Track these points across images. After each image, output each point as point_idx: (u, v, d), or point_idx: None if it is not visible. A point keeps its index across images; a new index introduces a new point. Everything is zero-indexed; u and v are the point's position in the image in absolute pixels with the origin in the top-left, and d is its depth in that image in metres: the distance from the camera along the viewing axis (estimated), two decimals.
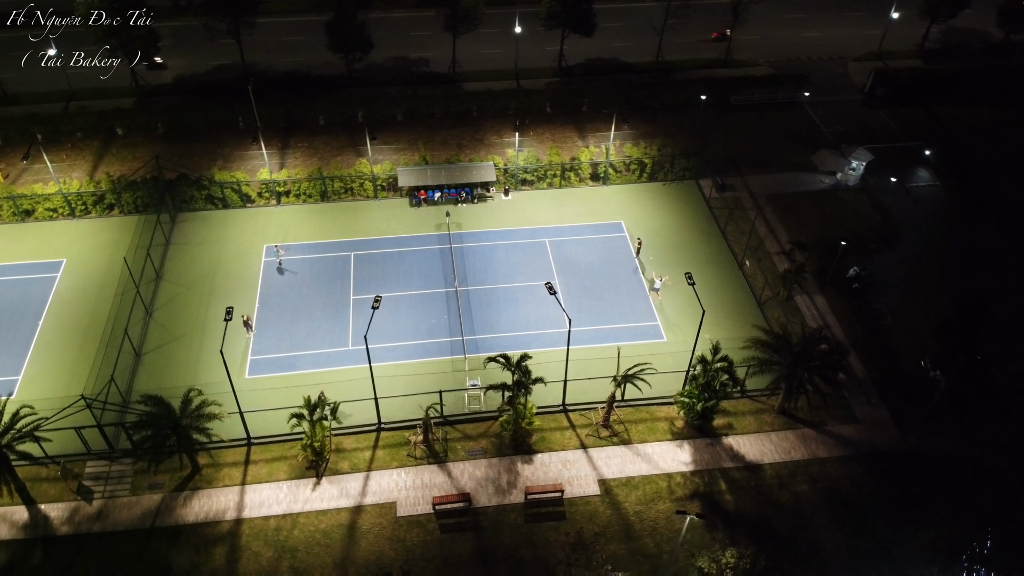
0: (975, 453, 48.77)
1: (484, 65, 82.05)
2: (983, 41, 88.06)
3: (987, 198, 67.80)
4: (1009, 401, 51.40)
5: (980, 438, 49.55)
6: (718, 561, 38.22)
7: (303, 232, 62.74)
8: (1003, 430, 49.92)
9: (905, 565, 43.03)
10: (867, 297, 58.67)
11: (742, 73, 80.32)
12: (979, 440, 49.42)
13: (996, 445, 49.19)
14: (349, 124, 73.07)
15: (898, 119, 76.94)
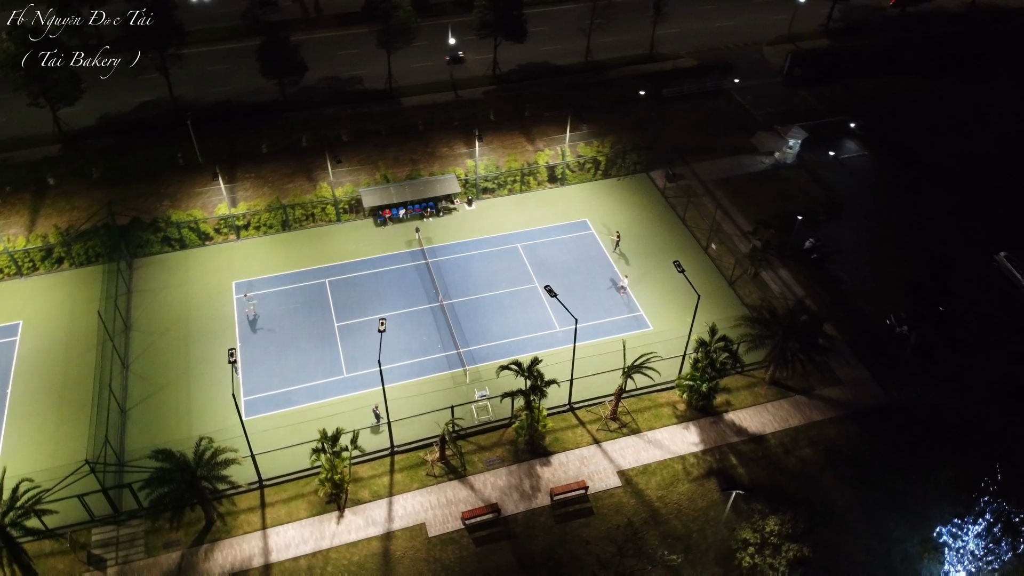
0: (953, 399, 52.73)
1: (420, 78, 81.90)
2: (882, 16, 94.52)
3: (912, 161, 73.07)
4: (975, 347, 55.79)
5: (954, 384, 53.62)
6: (761, 531, 39.92)
7: (271, 264, 61.12)
8: (973, 375, 54.22)
9: (915, 512, 46.14)
10: (825, 266, 62.22)
11: (671, 66, 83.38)
12: (953, 386, 53.47)
13: (969, 390, 53.37)
14: (295, 149, 71.57)
15: (818, 96, 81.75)
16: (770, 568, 39.40)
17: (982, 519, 40.25)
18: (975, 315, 57.90)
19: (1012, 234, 64.76)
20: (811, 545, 40.24)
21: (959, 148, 75.00)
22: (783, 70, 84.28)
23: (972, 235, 65.36)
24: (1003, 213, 67.58)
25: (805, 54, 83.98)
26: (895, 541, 45.10)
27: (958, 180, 71.18)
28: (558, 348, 54.95)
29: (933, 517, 45.41)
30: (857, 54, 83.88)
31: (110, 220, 60.06)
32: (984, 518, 40.15)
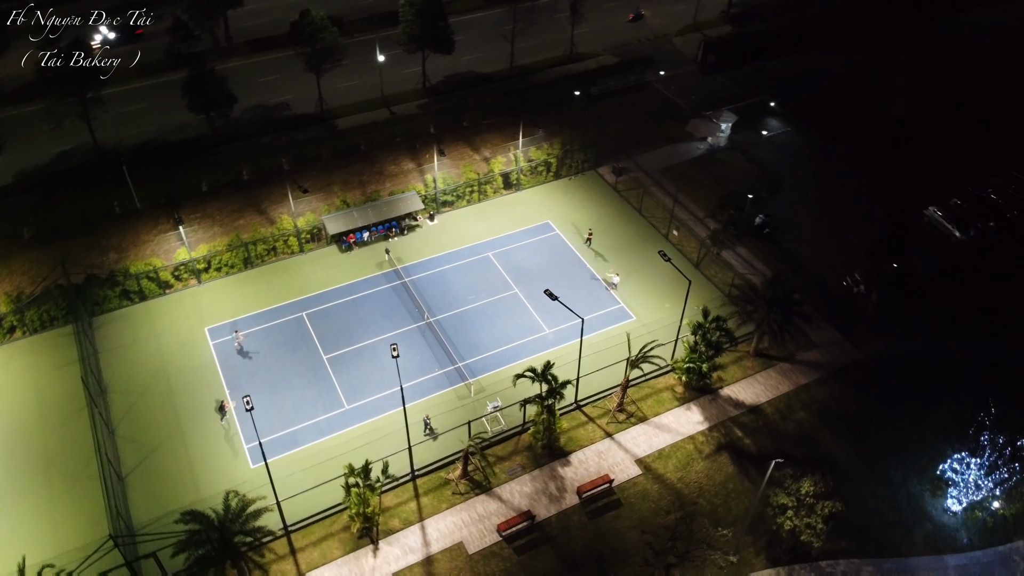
0: (920, 346, 57.28)
1: (349, 98, 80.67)
2: None
3: (831, 133, 78.25)
4: (930, 296, 60.63)
5: (917, 333, 58.20)
6: (796, 493, 42.28)
7: (241, 305, 58.99)
8: (934, 322, 59.03)
9: (913, 455, 49.91)
10: (777, 239, 65.97)
11: (595, 64, 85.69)
12: (917, 335, 58.03)
13: (933, 336, 58.06)
14: (237, 184, 69.03)
15: (734, 80, 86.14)
16: (807, 528, 41.87)
17: (982, 451, 44.09)
18: (925, 266, 62.85)
19: (934, 189, 70.64)
20: (841, 499, 43.01)
21: (871, 115, 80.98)
22: (697, 59, 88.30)
23: (898, 195, 70.94)
24: (923, 171, 73.55)
25: (716, 41, 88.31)
26: (898, 485, 48.72)
27: (875, 145, 76.91)
28: (552, 350, 55.96)
29: (935, 457, 49.30)
30: (764, 37, 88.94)
31: (64, 280, 56.30)
32: (984, 449, 43.98)
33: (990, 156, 75.50)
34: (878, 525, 46.46)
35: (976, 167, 73.80)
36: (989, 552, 45.48)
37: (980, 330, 58.46)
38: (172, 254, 61.46)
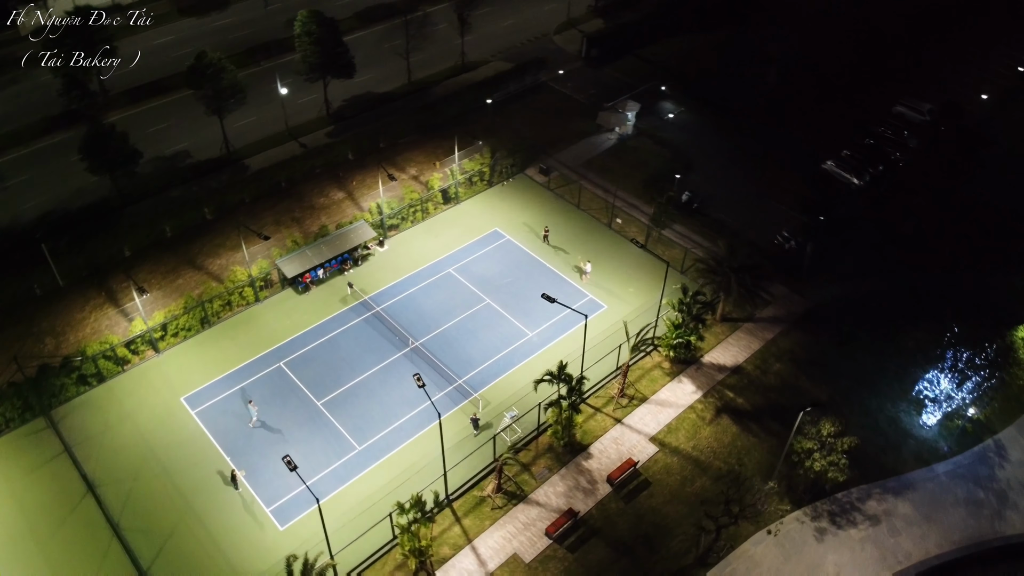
0: (858, 285, 63.56)
1: (252, 136, 77.53)
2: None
3: (720, 107, 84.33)
4: (855, 239, 67.24)
5: (852, 274, 64.53)
6: (818, 436, 46.23)
7: (211, 367, 55.85)
8: (863, 261, 65.64)
9: (885, 383, 55.54)
10: (707, 212, 70.64)
11: (493, 71, 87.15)
12: (853, 276, 64.34)
13: (866, 274, 64.58)
14: (162, 243, 64.93)
15: (621, 70, 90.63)
16: (831, 466, 46.01)
17: (949, 366, 50.03)
18: (843, 213, 69.49)
19: (824, 145, 77.96)
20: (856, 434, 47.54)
21: (751, 87, 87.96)
22: (582, 54, 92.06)
23: (797, 154, 77.79)
24: (810, 130, 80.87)
25: (596, 35, 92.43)
26: (878, 412, 54.15)
27: (762, 114, 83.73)
28: (542, 351, 57.46)
29: (907, 380, 55.25)
30: (639, 25, 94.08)
31: (20, 375, 50.96)
32: (951, 364, 49.95)
33: (864, 105, 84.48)
34: (871, 452, 51.46)
35: (854, 118, 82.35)
36: (968, 454, 51.80)
37: (905, 261, 65.77)
38: (116, 328, 57.28)
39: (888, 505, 49.01)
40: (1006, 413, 53.57)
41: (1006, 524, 47.90)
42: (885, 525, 48.01)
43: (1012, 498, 49.23)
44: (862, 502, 49.14)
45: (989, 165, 75.93)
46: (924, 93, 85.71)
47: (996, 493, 49.53)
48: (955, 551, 46.29)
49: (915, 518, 48.34)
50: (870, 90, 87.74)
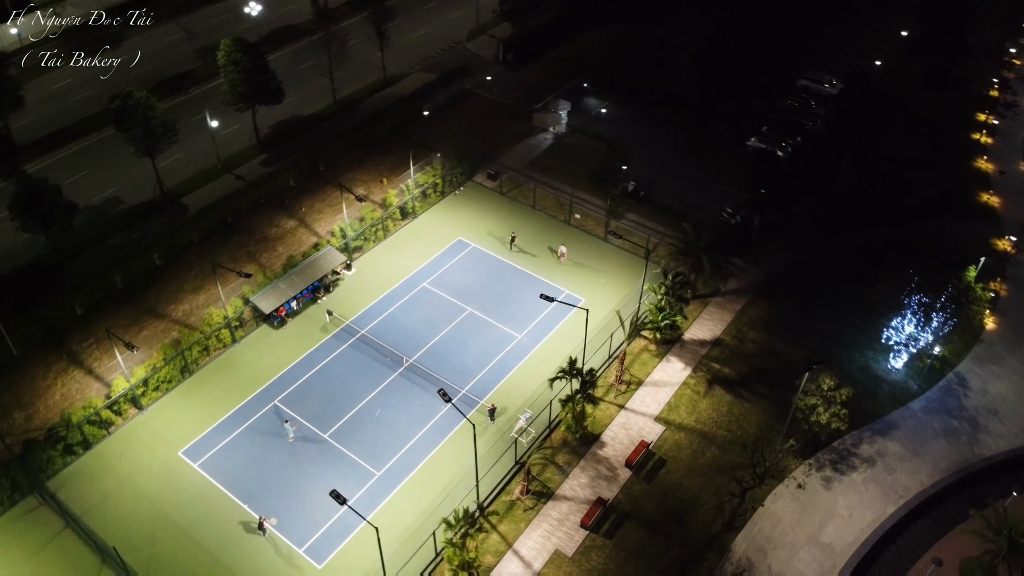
0: (805, 249, 68.09)
1: (183, 173, 74.36)
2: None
3: (641, 97, 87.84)
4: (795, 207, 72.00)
5: (800, 239, 69.08)
6: (822, 392, 49.64)
7: (203, 417, 53.60)
8: (807, 226, 70.39)
9: (851, 335, 59.97)
10: (653, 199, 73.68)
11: (421, 82, 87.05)
12: (800, 240, 68.90)
13: (811, 238, 69.23)
14: (116, 296, 61.44)
15: (540, 71, 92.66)
16: (834, 417, 49.61)
17: (913, 309, 54.79)
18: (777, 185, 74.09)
19: (744, 123, 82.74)
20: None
21: (665, 74, 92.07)
22: (498, 58, 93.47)
23: (721, 134, 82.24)
24: (729, 110, 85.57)
25: (511, 39, 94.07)
26: (848, 363, 58.46)
27: (682, 100, 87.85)
28: (534, 351, 58.68)
29: (872, 329, 59.78)
30: (550, 26, 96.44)
31: (6, 453, 47.20)
32: (913, 309, 54.73)
33: (772, 81, 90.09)
34: (853, 400, 55.46)
35: (765, 95, 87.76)
36: (935, 389, 56.88)
37: (845, 220, 70.98)
38: (88, 390, 54.10)
39: (879, 446, 53.25)
40: (962, 347, 59.21)
41: (982, 447, 53.09)
42: (880, 465, 52.17)
43: (981, 423, 54.58)
44: (856, 447, 53.16)
45: (900, 125, 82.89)
46: (823, 65, 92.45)
47: (967, 420, 54.76)
48: (946, 478, 50.92)
49: (904, 454, 52.78)
50: (774, 67, 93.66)
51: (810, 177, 75.95)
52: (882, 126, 78.65)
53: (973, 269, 60.15)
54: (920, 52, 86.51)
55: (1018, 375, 57.71)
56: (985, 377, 57.67)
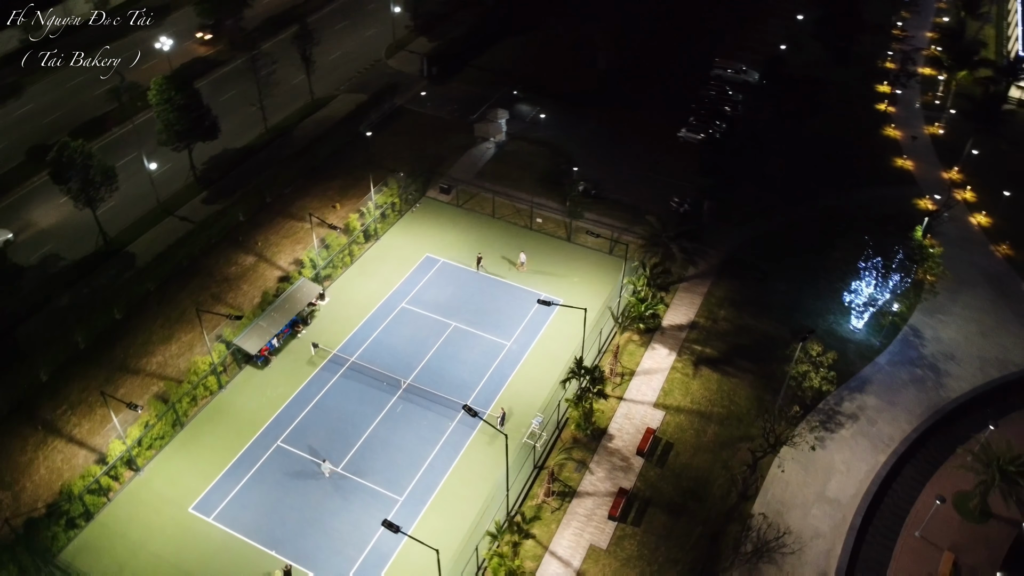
0: (755, 227, 72.08)
1: (121, 220, 70.84)
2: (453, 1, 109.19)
3: (569, 98, 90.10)
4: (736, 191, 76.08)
5: (747, 219, 73.01)
6: (812, 358, 53.02)
7: (206, 470, 51.61)
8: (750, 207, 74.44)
9: (816, 301, 64.12)
10: (603, 195, 76.04)
11: (353, 104, 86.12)
12: (747, 220, 72.80)
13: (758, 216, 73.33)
14: (80, 356, 58.34)
15: (466, 82, 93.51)
16: (824, 381, 53.20)
17: (869, 273, 59.23)
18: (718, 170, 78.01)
19: (672, 117, 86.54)
20: None
21: (587, 73, 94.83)
22: (423, 73, 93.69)
23: (651, 127, 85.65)
24: (654, 104, 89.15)
25: (434, 53, 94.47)
26: (817, 328, 62.56)
27: (607, 97, 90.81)
28: (527, 355, 59.76)
29: (832, 294, 64.03)
30: (469, 38, 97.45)
31: (11, 536, 43.99)
32: (870, 271, 59.17)
33: (687, 72, 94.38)
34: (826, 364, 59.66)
35: (683, 86, 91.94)
36: (895, 343, 61.67)
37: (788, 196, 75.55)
38: (75, 459, 51.38)
39: (858, 402, 57.38)
40: (911, 302, 64.40)
41: (948, 389, 58.11)
42: (863, 419, 56.26)
43: (942, 368, 59.71)
44: (838, 406, 57.07)
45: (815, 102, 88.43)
46: (732, 53, 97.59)
47: (930, 368, 59.75)
48: (924, 422, 55.49)
49: (882, 406, 57.10)
50: (687, 59, 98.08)
51: (743, 160, 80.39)
52: (800, 105, 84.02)
53: (919, 229, 65.64)
54: (823, 33, 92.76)
55: (963, 320, 63.47)
56: (936, 326, 63.08)
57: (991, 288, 66.30)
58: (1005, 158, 79.91)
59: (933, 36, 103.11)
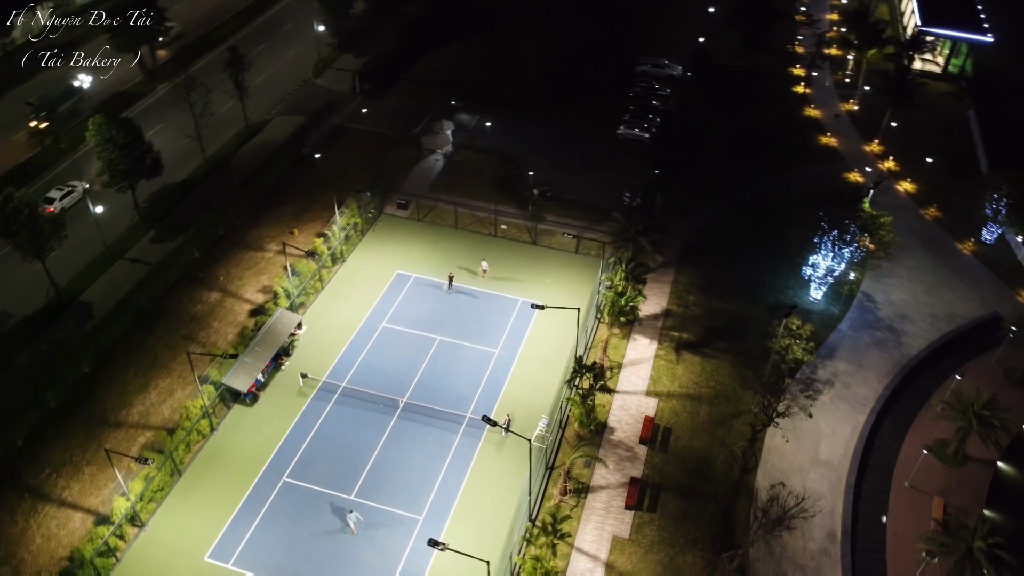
0: (707, 214, 75.35)
1: (68, 269, 67.37)
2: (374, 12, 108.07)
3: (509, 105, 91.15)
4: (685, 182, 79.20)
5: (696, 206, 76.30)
6: (793, 332, 56.15)
7: (216, 514, 50.00)
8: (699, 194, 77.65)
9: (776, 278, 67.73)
10: (559, 197, 77.54)
11: (292, 126, 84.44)
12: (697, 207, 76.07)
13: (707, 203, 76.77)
14: (53, 416, 55.31)
15: (401, 96, 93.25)
16: (804, 351, 56.54)
17: (826, 246, 63.08)
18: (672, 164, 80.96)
19: (609, 117, 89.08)
20: None
21: (522, 80, 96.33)
22: (355, 90, 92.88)
23: (590, 126, 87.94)
24: (587, 103, 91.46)
25: (365, 69, 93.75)
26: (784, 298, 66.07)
27: (545, 100, 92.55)
28: (517, 359, 60.78)
29: (790, 269, 67.77)
30: (398, 51, 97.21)
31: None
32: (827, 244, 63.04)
33: (617, 71, 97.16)
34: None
35: (616, 84, 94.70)
36: (853, 309, 65.96)
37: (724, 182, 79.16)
38: (71, 523, 49.04)
39: (830, 368, 61.12)
40: (862, 269, 68.89)
41: (908, 347, 62.67)
42: (838, 383, 60.02)
43: (898, 327, 64.34)
44: (814, 373, 60.65)
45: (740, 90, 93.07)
46: (654, 50, 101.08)
47: (887, 329, 64.24)
48: (893, 380, 59.67)
49: (852, 370, 61.06)
50: (613, 57, 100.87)
51: (685, 151, 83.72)
52: (736, 93, 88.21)
53: (867, 201, 70.24)
54: (737, 23, 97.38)
55: (909, 281, 68.47)
56: (886, 290, 67.80)
57: (927, 249, 71.77)
58: (921, 128, 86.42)
59: (834, 18, 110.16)
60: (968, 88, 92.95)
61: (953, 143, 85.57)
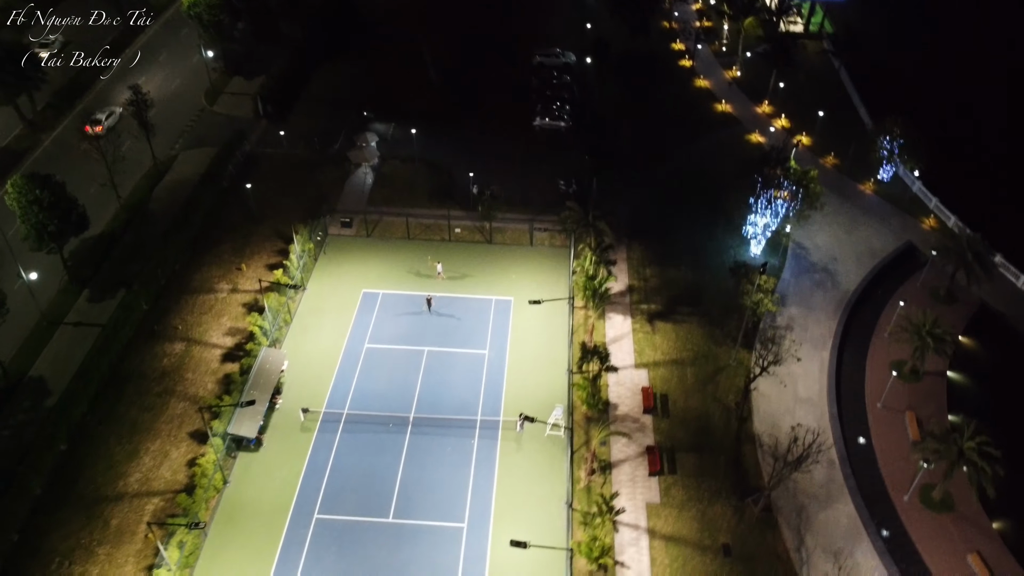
0: (642, 193, 79.62)
1: (8, 346, 61.64)
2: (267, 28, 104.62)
3: (414, 111, 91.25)
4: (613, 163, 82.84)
5: (631, 184, 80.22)
6: (762, 288, 61.10)
7: (256, 570, 48.51)
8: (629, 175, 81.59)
9: (722, 240, 72.99)
10: (496, 194, 78.97)
11: (205, 158, 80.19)
12: (633, 185, 80.00)
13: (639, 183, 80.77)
14: (44, 506, 51.30)
15: (307, 114, 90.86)
16: (772, 303, 61.78)
17: (762, 205, 68.68)
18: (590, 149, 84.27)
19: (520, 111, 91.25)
20: None
21: (427, 86, 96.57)
22: (260, 113, 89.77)
23: (506, 124, 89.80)
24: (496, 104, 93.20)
25: (264, 92, 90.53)
26: (727, 260, 71.15)
27: (454, 103, 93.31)
28: (511, 355, 62.48)
29: (731, 232, 73.22)
30: (292, 70, 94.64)
31: None
32: (763, 203, 68.64)
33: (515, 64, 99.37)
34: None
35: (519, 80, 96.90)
36: (790, 258, 72.39)
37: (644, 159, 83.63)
38: None
39: (786, 315, 66.96)
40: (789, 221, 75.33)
41: (845, 284, 69.64)
42: (797, 328, 65.92)
43: (831, 268, 71.30)
44: (774, 323, 66.26)
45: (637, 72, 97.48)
46: (542, 40, 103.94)
47: (823, 271, 71.06)
48: (842, 316, 66.22)
49: (805, 313, 67.20)
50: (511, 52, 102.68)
51: (600, 135, 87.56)
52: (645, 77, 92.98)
53: (793, 159, 76.59)
54: (617, 8, 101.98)
55: (828, 225, 75.76)
56: (811, 236, 74.74)
57: (835, 194, 79.42)
58: (803, 86, 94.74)
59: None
60: (836, 46, 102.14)
61: (833, 97, 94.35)
